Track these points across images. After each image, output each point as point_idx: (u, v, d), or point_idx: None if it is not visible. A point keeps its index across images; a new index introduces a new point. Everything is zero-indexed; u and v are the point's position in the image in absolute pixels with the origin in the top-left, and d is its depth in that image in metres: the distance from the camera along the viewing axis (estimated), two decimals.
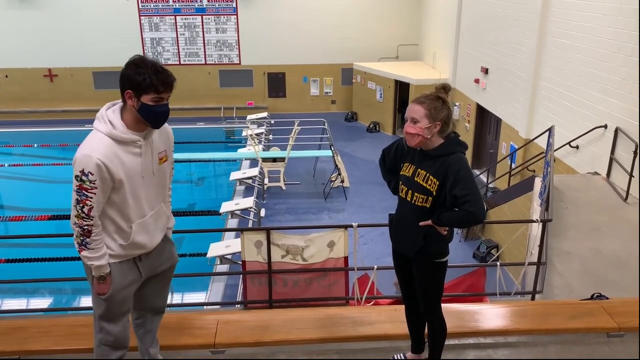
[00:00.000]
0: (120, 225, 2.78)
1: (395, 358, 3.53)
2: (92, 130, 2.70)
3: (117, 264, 2.83)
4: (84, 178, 2.57)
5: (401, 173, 3.07)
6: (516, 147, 10.70)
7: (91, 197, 2.61)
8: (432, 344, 3.29)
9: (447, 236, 3.03)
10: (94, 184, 2.59)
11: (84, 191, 2.60)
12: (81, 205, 2.62)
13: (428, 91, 2.95)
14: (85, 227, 2.66)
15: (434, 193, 2.89)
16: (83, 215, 2.64)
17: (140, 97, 2.63)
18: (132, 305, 3.03)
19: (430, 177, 2.89)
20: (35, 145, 15.36)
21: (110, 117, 2.68)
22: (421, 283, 3.15)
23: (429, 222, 2.95)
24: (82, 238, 2.69)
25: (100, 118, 2.70)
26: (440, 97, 2.88)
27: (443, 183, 2.85)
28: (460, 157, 2.89)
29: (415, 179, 2.95)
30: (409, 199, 2.99)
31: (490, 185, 11.42)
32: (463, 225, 3.15)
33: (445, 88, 2.92)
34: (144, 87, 2.62)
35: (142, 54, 2.75)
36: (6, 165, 14.43)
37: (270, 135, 15.51)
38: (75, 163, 2.61)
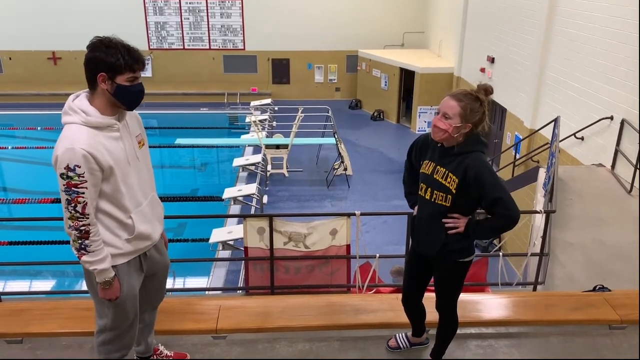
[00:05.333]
0: (119, 218, 2.62)
1: (397, 336, 3.56)
2: (63, 127, 2.50)
3: (125, 264, 2.70)
4: (70, 174, 2.41)
5: (421, 171, 2.97)
6: (521, 137, 10.65)
7: (83, 193, 2.44)
8: (441, 338, 3.28)
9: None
10: (83, 177, 2.42)
11: (73, 188, 2.43)
12: (73, 204, 2.45)
13: (468, 87, 2.84)
14: (82, 228, 2.49)
15: (454, 191, 2.78)
16: (78, 215, 2.46)
17: (114, 78, 2.49)
18: None
19: (450, 174, 2.79)
20: (39, 128, 15.34)
21: (80, 106, 2.51)
22: (441, 282, 3.10)
23: (459, 230, 2.84)
24: (80, 242, 2.51)
25: (69, 111, 2.51)
26: (479, 98, 2.74)
27: (462, 181, 2.75)
28: (479, 156, 2.77)
29: (435, 177, 2.85)
30: (428, 197, 2.90)
31: None
32: (500, 232, 2.90)
33: (487, 90, 2.76)
34: (119, 67, 2.47)
35: (99, 36, 2.54)
36: (9, 147, 14.45)
37: (274, 122, 15.46)
38: (57, 161, 2.42)
